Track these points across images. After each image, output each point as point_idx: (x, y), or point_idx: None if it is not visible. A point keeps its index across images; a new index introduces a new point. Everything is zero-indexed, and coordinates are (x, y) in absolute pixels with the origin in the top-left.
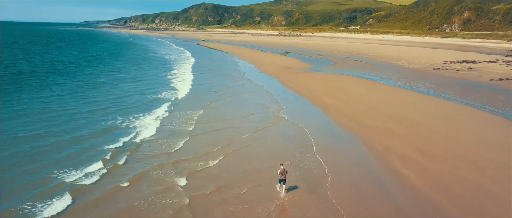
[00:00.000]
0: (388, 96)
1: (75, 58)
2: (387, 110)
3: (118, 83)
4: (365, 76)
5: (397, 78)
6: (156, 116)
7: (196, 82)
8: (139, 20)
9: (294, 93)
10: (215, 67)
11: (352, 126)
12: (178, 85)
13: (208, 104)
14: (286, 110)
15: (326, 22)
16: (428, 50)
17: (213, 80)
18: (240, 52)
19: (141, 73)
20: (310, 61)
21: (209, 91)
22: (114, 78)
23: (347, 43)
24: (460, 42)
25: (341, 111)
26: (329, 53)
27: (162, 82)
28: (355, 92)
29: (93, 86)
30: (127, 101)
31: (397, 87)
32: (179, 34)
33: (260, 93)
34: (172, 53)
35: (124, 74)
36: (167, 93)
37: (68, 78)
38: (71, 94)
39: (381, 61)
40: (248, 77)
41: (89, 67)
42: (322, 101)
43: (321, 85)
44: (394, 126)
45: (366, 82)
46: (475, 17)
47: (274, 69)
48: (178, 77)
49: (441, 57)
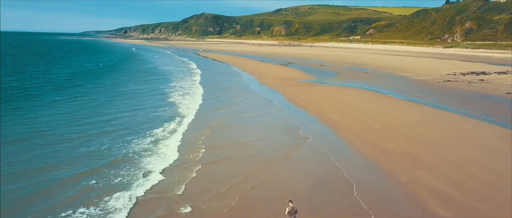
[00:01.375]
0: (402, 112)
1: (71, 70)
2: (405, 130)
3: (117, 98)
4: (372, 89)
5: (406, 91)
6: (157, 139)
7: (197, 97)
8: (139, 30)
9: (298, 108)
10: (215, 80)
11: (368, 150)
12: (179, 100)
13: (214, 123)
14: (297, 129)
15: (326, 32)
16: (432, 60)
17: (215, 94)
18: (240, 62)
19: (139, 88)
20: (312, 73)
21: (213, 107)
22: (111, 94)
23: (348, 53)
24: (464, 52)
25: (353, 131)
26: (332, 64)
27: (160, 98)
28: (365, 108)
29: (91, 105)
30: (122, 121)
31: (409, 102)
32: (179, 44)
33: (268, 111)
34: (171, 64)
35: (122, 88)
36: (169, 111)
37: (61, 95)
38: (63, 115)
39: (386, 72)
40: (250, 90)
41: (87, 82)
42: (330, 119)
43: (326, 99)
44: (417, 150)
45: (374, 96)
46: (477, 27)
47: (275, 81)
48: (177, 90)
49: (448, 68)
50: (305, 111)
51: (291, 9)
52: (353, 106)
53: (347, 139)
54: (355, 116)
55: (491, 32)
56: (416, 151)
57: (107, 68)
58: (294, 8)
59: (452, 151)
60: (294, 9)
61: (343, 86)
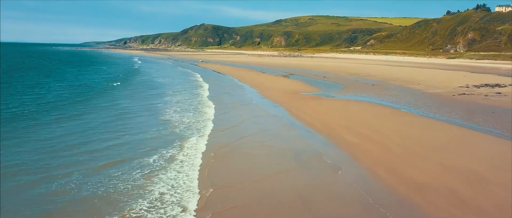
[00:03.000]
0: (425, 132)
1: (64, 83)
2: (434, 155)
3: (112, 119)
4: (384, 104)
5: (421, 106)
6: (156, 171)
7: (197, 116)
8: (139, 41)
9: (307, 127)
10: (212, 94)
11: (398, 184)
12: (175, 118)
13: (218, 149)
14: (311, 153)
15: (326, 43)
16: (440, 72)
17: (215, 112)
18: (240, 74)
19: (133, 105)
20: (316, 85)
21: (215, 128)
22: (107, 113)
23: (351, 64)
24: (468, 63)
25: (374, 157)
26: (335, 75)
27: (155, 116)
28: (381, 126)
29: (81, 128)
30: (115, 150)
31: (429, 119)
32: (178, 55)
33: (276, 132)
34: (168, 75)
35: (117, 105)
36: (167, 132)
37: (44, 116)
38: (49, 142)
39: (394, 84)
40: (252, 106)
41: (80, 98)
42: (345, 140)
43: (336, 116)
44: (456, 184)
45: (388, 111)
46: (480, 38)
47: (278, 94)
48: (173, 107)
49: (459, 80)
50: (315, 131)
51: (291, 20)
52: (368, 125)
53: (370, 168)
54: (372, 136)
55: (494, 43)
56: (456, 185)
57: (104, 81)
58: (294, 19)
59: (503, 189)
60: (294, 20)
61: (352, 100)
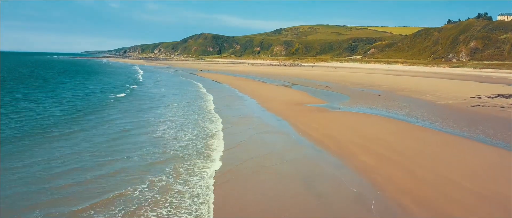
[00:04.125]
0: (450, 151)
1: (58, 96)
2: (470, 182)
3: (108, 138)
4: (396, 117)
5: (437, 119)
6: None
7: (196, 133)
8: (139, 50)
9: (316, 145)
10: (210, 106)
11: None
12: (168, 135)
13: (223, 175)
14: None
15: (326, 52)
16: (446, 81)
17: (213, 128)
18: (239, 84)
19: (131, 120)
20: (320, 95)
21: (215, 148)
22: (99, 132)
23: (353, 74)
24: (473, 72)
25: (398, 183)
26: (339, 85)
27: (145, 131)
28: (399, 145)
29: (67, 151)
30: (108, 174)
31: (450, 135)
32: (177, 64)
33: (284, 151)
34: (161, 85)
35: (113, 120)
36: (161, 154)
37: (31, 135)
38: (22, 172)
39: (401, 95)
40: (254, 120)
41: (74, 114)
42: (361, 162)
43: (347, 131)
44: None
45: (403, 126)
46: (482, 47)
47: (280, 106)
48: (167, 122)
49: (469, 91)
50: (326, 151)
51: (290, 29)
52: (384, 142)
53: (396, 199)
54: (391, 157)
55: (497, 52)
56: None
57: (99, 93)
58: (293, 28)
59: None
60: (293, 29)
61: (360, 113)
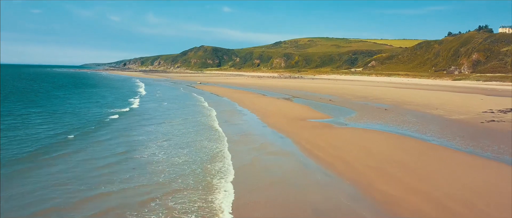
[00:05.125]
0: (478, 176)
1: (48, 111)
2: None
3: (98, 166)
4: (409, 134)
5: (454, 137)
6: None
7: (184, 154)
8: (138, 63)
9: (325, 169)
10: (206, 123)
11: None
12: (160, 157)
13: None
14: None
15: (326, 64)
16: (452, 94)
17: (211, 148)
18: (239, 97)
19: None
20: (324, 109)
21: (213, 177)
22: (88, 156)
23: (355, 86)
24: (477, 85)
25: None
26: (342, 98)
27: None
28: (422, 168)
29: (42, 183)
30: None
31: (473, 155)
32: (176, 76)
33: (293, 181)
34: (154, 99)
35: (108, 140)
36: (150, 185)
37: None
38: None
39: (409, 109)
40: (255, 138)
41: (58, 140)
42: (380, 192)
43: (358, 152)
44: None
45: (418, 145)
46: (485, 59)
47: (282, 121)
48: (157, 141)
49: (479, 105)
50: (338, 176)
51: (290, 41)
52: (403, 165)
53: None
54: (414, 185)
55: (500, 64)
56: None
57: (94, 107)
58: (293, 41)
59: None
60: (293, 42)
61: (369, 130)
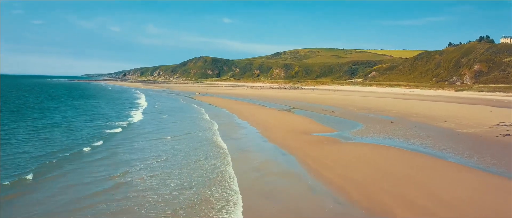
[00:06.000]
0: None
1: (37, 125)
2: None
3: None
4: (422, 150)
5: (472, 154)
6: None
7: (177, 178)
8: (138, 73)
9: (336, 195)
10: (200, 140)
11: None
12: (148, 185)
13: None
14: None
15: (326, 75)
16: (458, 106)
17: (207, 168)
18: (238, 108)
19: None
20: (327, 122)
21: (211, 199)
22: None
23: (357, 97)
24: (481, 96)
25: None
26: (345, 110)
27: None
28: (445, 192)
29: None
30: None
31: (500, 178)
32: (175, 87)
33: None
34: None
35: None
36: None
37: None
38: None
39: (416, 121)
40: (256, 155)
41: (38, 164)
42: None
43: (370, 172)
44: None
45: (436, 164)
46: (487, 69)
47: (284, 135)
48: (139, 164)
49: (488, 117)
50: (351, 203)
51: (290, 52)
52: (423, 189)
53: None
54: (441, 214)
55: (502, 75)
56: None
57: (87, 120)
58: (293, 51)
59: None
60: (293, 52)
61: (378, 145)
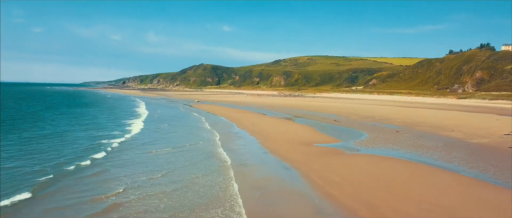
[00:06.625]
0: None
1: (24, 137)
2: None
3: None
4: (433, 163)
5: (487, 167)
6: None
7: (167, 200)
8: (138, 81)
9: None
10: (202, 148)
11: None
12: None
13: None
14: None
15: (326, 82)
16: (464, 114)
17: (203, 184)
18: (237, 117)
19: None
20: (330, 131)
21: None
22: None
23: (359, 105)
24: (484, 104)
25: None
26: (347, 119)
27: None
28: (468, 215)
29: None
30: None
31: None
32: (174, 94)
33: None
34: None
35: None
36: None
37: None
38: None
39: (422, 130)
40: (252, 167)
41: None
42: None
43: (382, 190)
44: None
45: (452, 179)
46: (489, 77)
47: (286, 146)
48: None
49: (496, 126)
50: None
51: (290, 60)
52: (445, 212)
53: None
54: None
55: (504, 82)
56: None
57: (78, 131)
58: (293, 59)
59: None
60: (293, 60)
61: (386, 157)
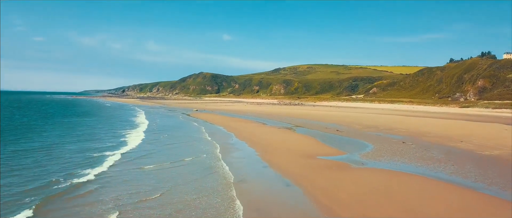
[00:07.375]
0: None
1: (10, 152)
2: None
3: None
4: (447, 178)
5: (506, 184)
6: None
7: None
8: (137, 89)
9: None
10: (200, 161)
11: None
12: None
13: None
14: None
15: (326, 91)
16: (469, 124)
17: (196, 206)
18: (236, 126)
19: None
20: (333, 142)
21: None
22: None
23: (360, 114)
24: (487, 112)
25: None
26: (350, 128)
27: None
28: None
29: None
30: None
31: None
32: (172, 103)
33: None
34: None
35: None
36: None
37: None
38: None
39: (428, 141)
40: (250, 184)
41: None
42: None
43: (396, 211)
44: None
45: (471, 198)
46: (491, 86)
47: (287, 159)
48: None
49: (507, 136)
50: None
51: (289, 68)
52: None
53: None
54: None
55: (507, 91)
56: None
57: (73, 143)
58: (292, 68)
59: None
60: (292, 69)
61: (395, 172)
